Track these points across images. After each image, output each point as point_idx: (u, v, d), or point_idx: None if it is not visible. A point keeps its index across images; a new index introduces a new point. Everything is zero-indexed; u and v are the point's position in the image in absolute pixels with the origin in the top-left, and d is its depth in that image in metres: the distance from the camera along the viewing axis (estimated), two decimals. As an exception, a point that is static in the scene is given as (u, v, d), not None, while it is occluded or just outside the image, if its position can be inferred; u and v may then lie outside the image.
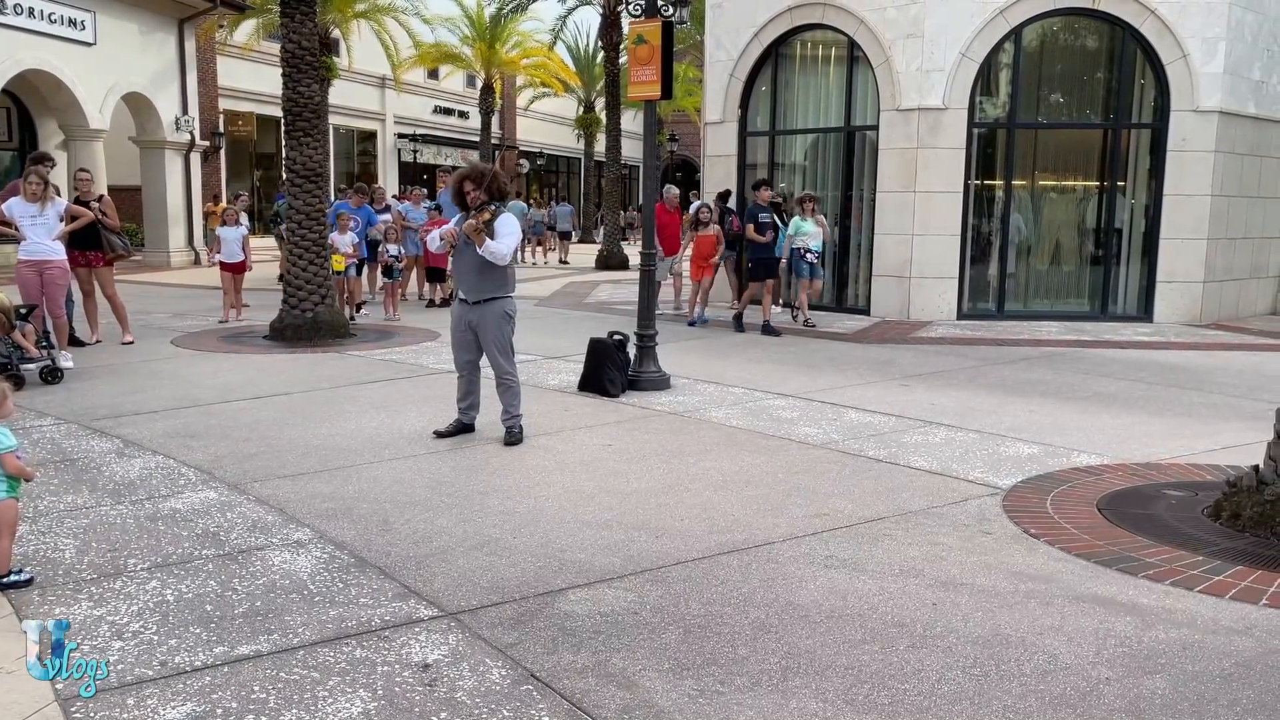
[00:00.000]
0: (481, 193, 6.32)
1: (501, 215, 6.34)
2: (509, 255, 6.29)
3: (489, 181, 6.36)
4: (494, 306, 6.40)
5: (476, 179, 6.39)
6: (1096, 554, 4.46)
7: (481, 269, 6.31)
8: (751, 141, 15.09)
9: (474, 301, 6.42)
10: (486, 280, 6.36)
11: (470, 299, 6.45)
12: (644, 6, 8.32)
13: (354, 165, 32.35)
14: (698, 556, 4.43)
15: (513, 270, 6.51)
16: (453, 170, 29.28)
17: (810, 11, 13.88)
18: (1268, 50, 13.52)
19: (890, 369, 9.55)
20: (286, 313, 11.05)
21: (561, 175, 46.78)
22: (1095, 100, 13.66)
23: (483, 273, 6.33)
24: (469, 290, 6.45)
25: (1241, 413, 7.63)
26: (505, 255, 6.25)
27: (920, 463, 6.06)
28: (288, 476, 5.62)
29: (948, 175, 12.93)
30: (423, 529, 4.75)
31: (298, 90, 11.06)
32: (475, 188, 6.34)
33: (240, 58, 25.60)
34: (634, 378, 8.27)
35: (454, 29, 32.25)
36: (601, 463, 6.01)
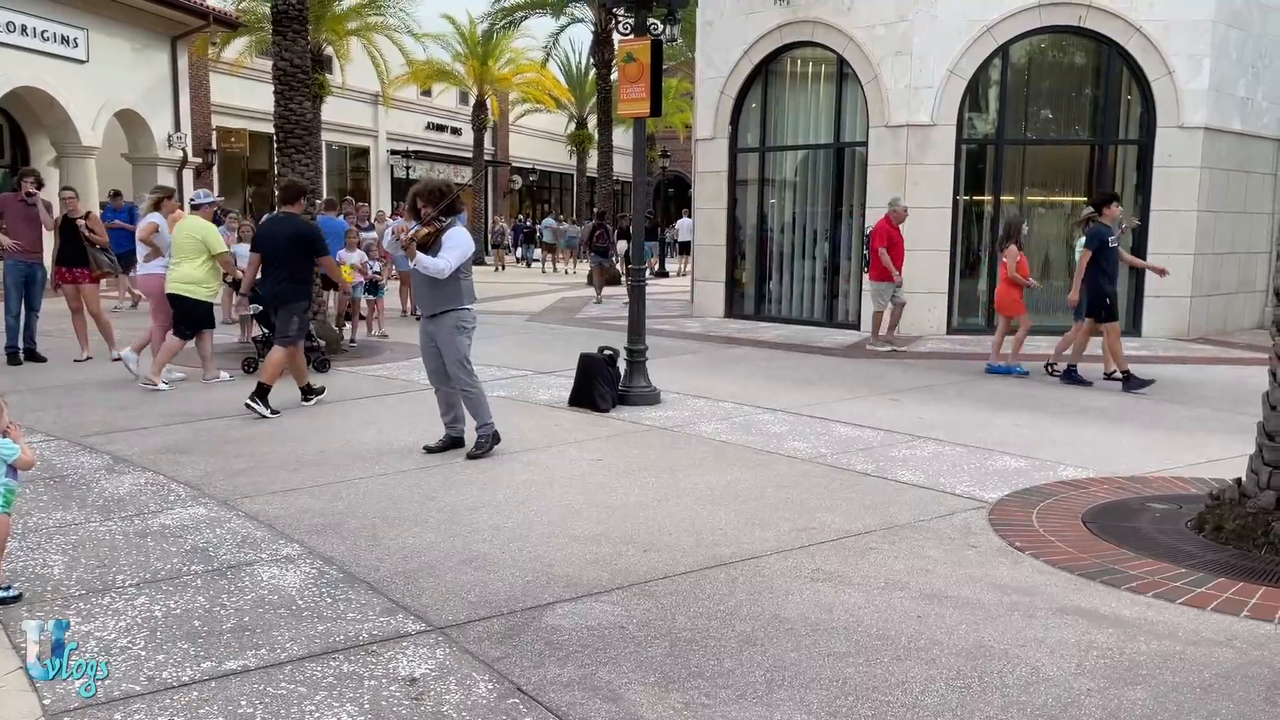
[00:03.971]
0: (429, 207, 6.38)
1: (450, 230, 6.35)
2: (447, 270, 6.22)
3: (434, 194, 6.40)
4: (447, 319, 6.42)
5: (428, 195, 6.44)
6: (1080, 567, 4.50)
7: (432, 282, 6.34)
8: (742, 158, 15.19)
9: (429, 315, 6.51)
10: (438, 293, 6.38)
11: (425, 312, 6.57)
12: (633, 25, 8.39)
13: (347, 182, 32.39)
14: (685, 570, 4.45)
15: (467, 284, 6.48)
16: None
17: (800, 29, 14.00)
18: (1252, 67, 13.66)
19: (879, 383, 9.60)
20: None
21: (554, 191, 46.89)
22: (1082, 116, 13.78)
23: (433, 286, 6.36)
24: (423, 303, 6.59)
25: (1227, 426, 7.69)
26: (442, 270, 6.22)
27: (908, 477, 6.09)
28: (277, 492, 5.63)
29: (937, 191, 13.03)
30: (411, 544, 4.76)
31: (290, 107, 11.12)
32: (426, 203, 6.41)
33: (233, 74, 25.67)
34: (624, 392, 8.30)
35: (446, 46, 32.40)
36: (591, 477, 6.03)
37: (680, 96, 35.83)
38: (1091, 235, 9.43)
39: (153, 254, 9.49)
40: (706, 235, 15.70)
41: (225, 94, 26.06)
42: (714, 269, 15.57)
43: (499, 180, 40.62)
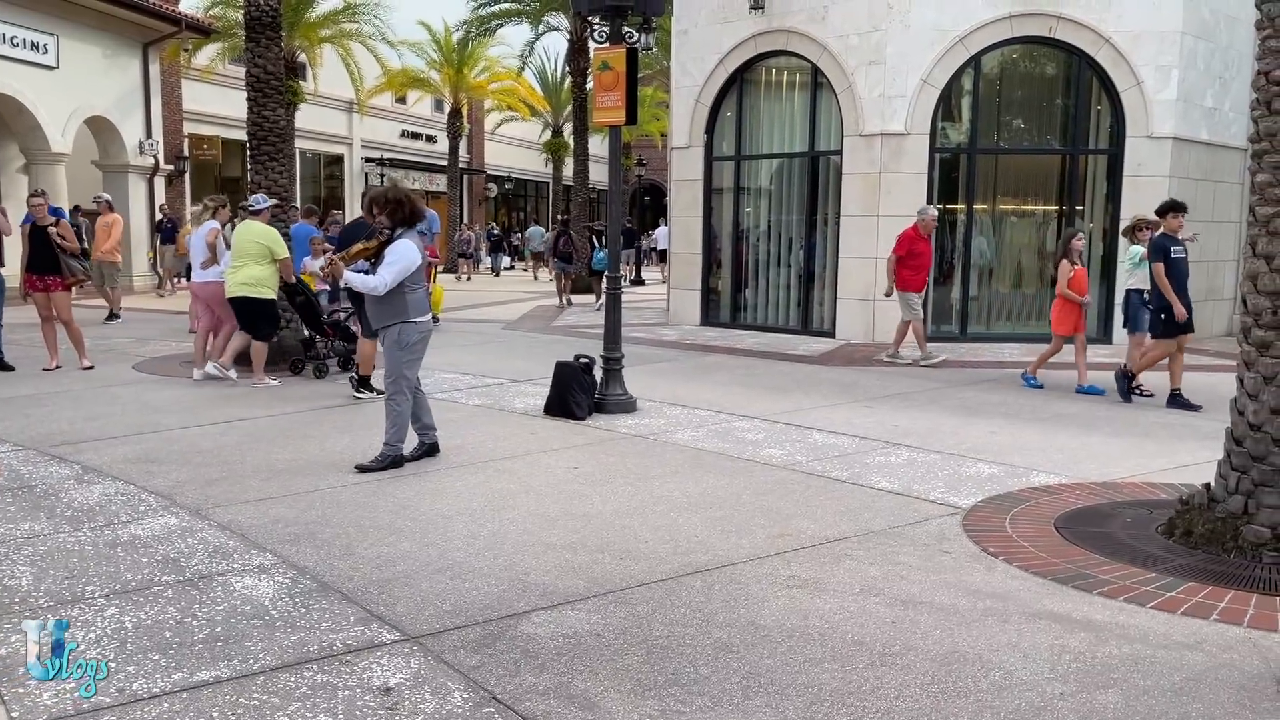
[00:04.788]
0: (384, 217, 6.23)
1: (396, 243, 6.19)
2: (381, 288, 6.05)
3: (391, 206, 6.24)
4: (389, 333, 6.30)
5: (382, 203, 6.27)
6: (1053, 572, 4.54)
7: (374, 296, 6.19)
8: (717, 166, 15.24)
9: (376, 327, 6.43)
10: (384, 307, 6.24)
11: (372, 325, 6.51)
12: (608, 33, 8.41)
13: (321, 189, 32.21)
14: (661, 578, 4.45)
15: (414, 297, 6.28)
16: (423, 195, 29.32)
17: (774, 38, 14.08)
18: (1219, 78, 13.87)
19: (855, 391, 9.64)
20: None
21: (529, 199, 46.86)
22: (1054, 126, 13.94)
23: (378, 299, 6.21)
24: (370, 315, 6.50)
25: (1197, 432, 7.78)
26: (375, 288, 6.06)
27: (882, 483, 6.12)
28: (250, 502, 5.58)
29: (910, 199, 13.09)
30: (386, 553, 4.74)
31: (263, 115, 11.05)
32: (380, 211, 6.26)
33: (205, 81, 25.48)
34: (600, 401, 8.29)
35: (421, 54, 32.33)
36: (567, 485, 6.02)
37: (656, 105, 35.93)
38: (1155, 248, 8.90)
39: (209, 260, 9.77)
40: (682, 243, 15.74)
41: (197, 100, 25.86)
42: (690, 277, 15.60)
43: (474, 188, 40.54)
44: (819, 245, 14.28)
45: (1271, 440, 4.72)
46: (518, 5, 25.73)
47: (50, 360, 10.33)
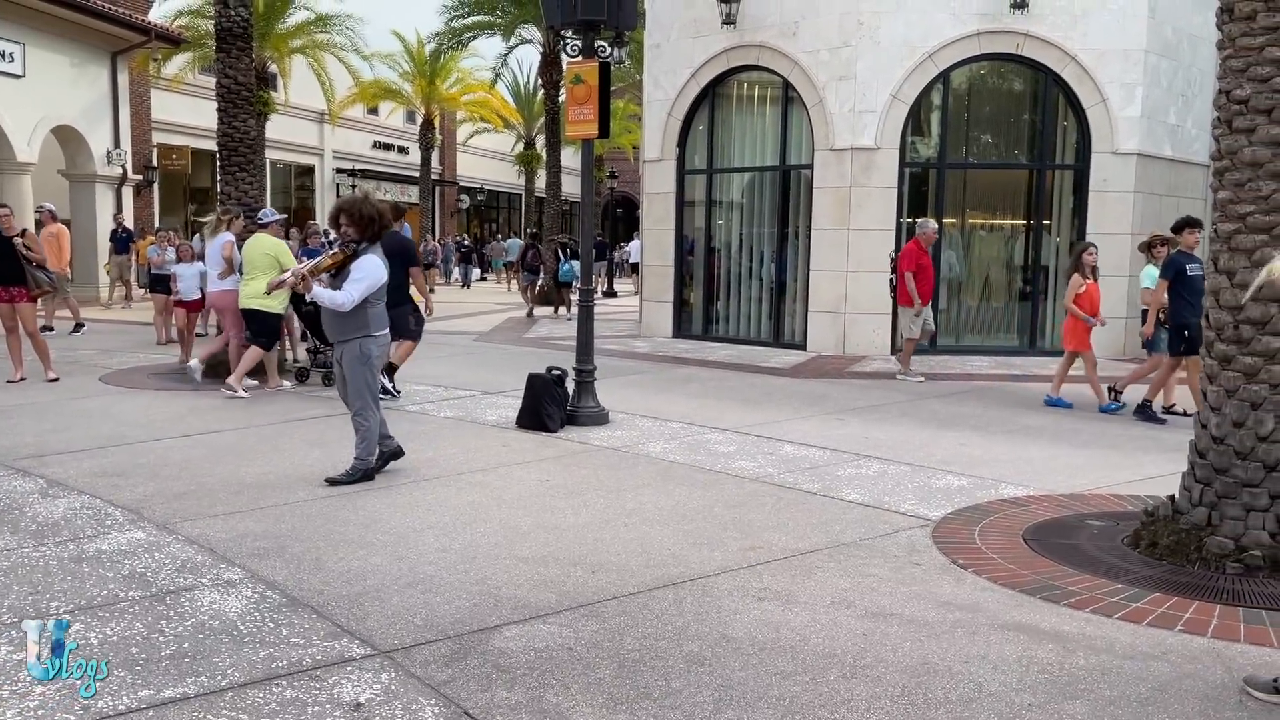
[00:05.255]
0: (353, 229, 6.13)
1: (362, 258, 6.13)
2: (348, 304, 5.99)
3: (361, 220, 6.13)
4: (350, 347, 6.22)
5: (349, 213, 6.14)
6: (1021, 583, 4.58)
7: (336, 310, 6.10)
8: (689, 179, 15.31)
9: (336, 340, 6.32)
10: (345, 320, 6.15)
11: (331, 338, 6.38)
12: (581, 47, 8.43)
13: (291, 200, 32.02)
14: (633, 591, 4.45)
15: (376, 311, 6.26)
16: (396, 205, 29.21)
17: (746, 53, 14.18)
18: (1182, 96, 14.12)
19: (826, 403, 9.70)
20: (223, 350, 10.87)
21: (502, 210, 46.82)
22: (1021, 141, 14.13)
23: (337, 314, 6.12)
24: (329, 330, 6.37)
25: (1162, 444, 7.89)
26: (342, 305, 5.99)
27: (853, 495, 6.16)
28: (219, 515, 5.53)
29: (880, 213, 13.24)
30: (357, 567, 4.70)
31: (233, 125, 10.98)
32: (349, 223, 6.13)
33: (175, 91, 25.29)
34: (573, 413, 8.29)
35: (394, 65, 32.27)
36: (538, 498, 6.01)
37: (628, 118, 36.02)
38: (1166, 265, 8.88)
39: (226, 271, 9.95)
40: (654, 256, 15.79)
41: (166, 110, 25.65)
42: (662, 289, 15.64)
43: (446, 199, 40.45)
44: (790, 258, 14.37)
45: (1234, 453, 4.80)
46: (490, 18, 25.73)
47: (15, 372, 10.18)
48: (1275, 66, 4.67)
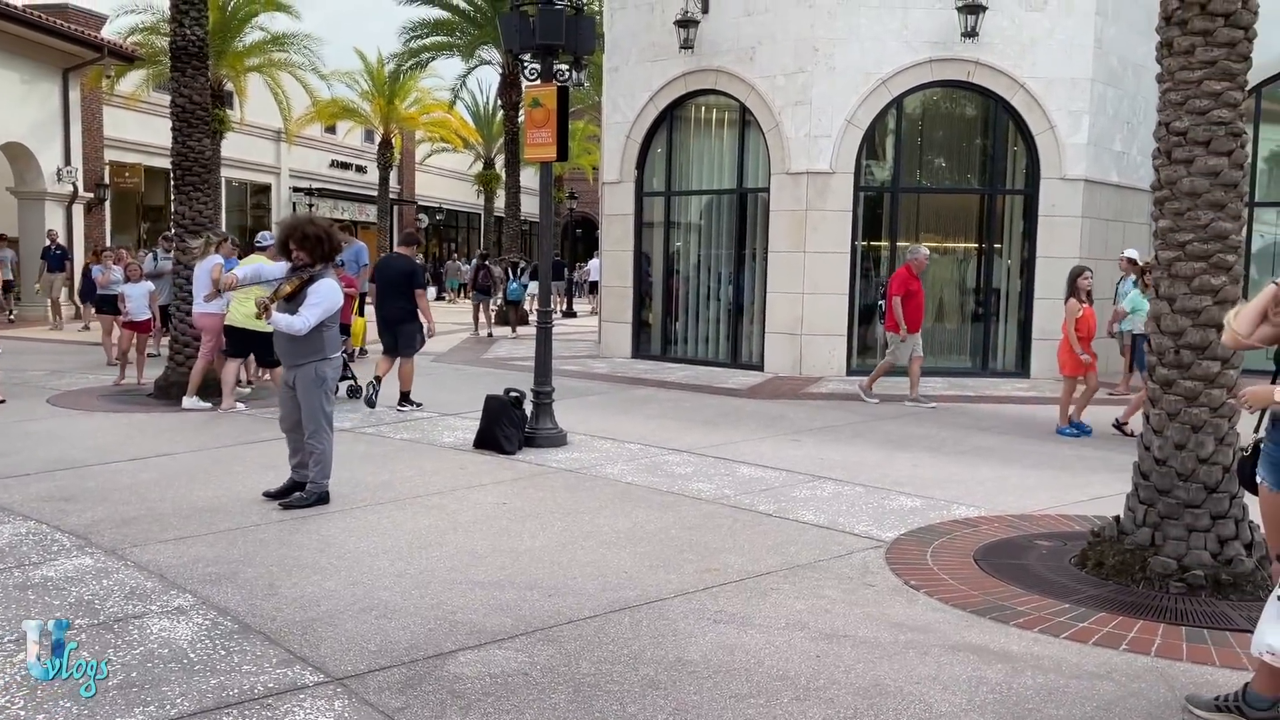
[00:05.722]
0: (304, 254, 6.11)
1: (317, 282, 6.11)
2: (305, 329, 5.98)
3: (312, 243, 6.11)
4: (306, 370, 6.19)
5: (300, 238, 6.12)
6: (972, 604, 4.66)
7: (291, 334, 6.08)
8: (648, 201, 15.40)
9: (289, 365, 6.27)
10: (300, 344, 6.12)
11: (285, 362, 6.31)
12: (540, 71, 8.48)
13: (247, 219, 31.68)
14: (589, 615, 4.46)
15: (331, 334, 6.24)
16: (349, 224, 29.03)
17: (703, 77, 14.33)
18: (1127, 123, 14.48)
19: (782, 424, 9.78)
20: (173, 370, 10.74)
21: (461, 230, 46.68)
22: (973, 166, 14.40)
23: (292, 338, 6.09)
24: (283, 354, 6.31)
25: (1109, 465, 8.04)
26: (299, 330, 5.97)
27: (808, 517, 6.22)
28: (169, 540, 5.45)
29: (836, 236, 13.41)
30: (310, 592, 4.66)
31: (188, 145, 10.88)
32: (299, 247, 6.12)
33: (128, 108, 24.97)
34: (530, 435, 8.28)
35: (353, 84, 32.16)
36: (495, 521, 6.00)
37: (588, 139, 36.18)
38: None
39: (213, 294, 9.94)
40: (613, 277, 15.84)
41: (119, 128, 25.31)
42: (621, 310, 15.69)
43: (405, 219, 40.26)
44: (748, 280, 14.49)
45: (1176, 474, 4.93)
46: (450, 39, 25.77)
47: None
48: (1213, 99, 4.83)
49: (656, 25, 14.63)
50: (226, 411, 9.78)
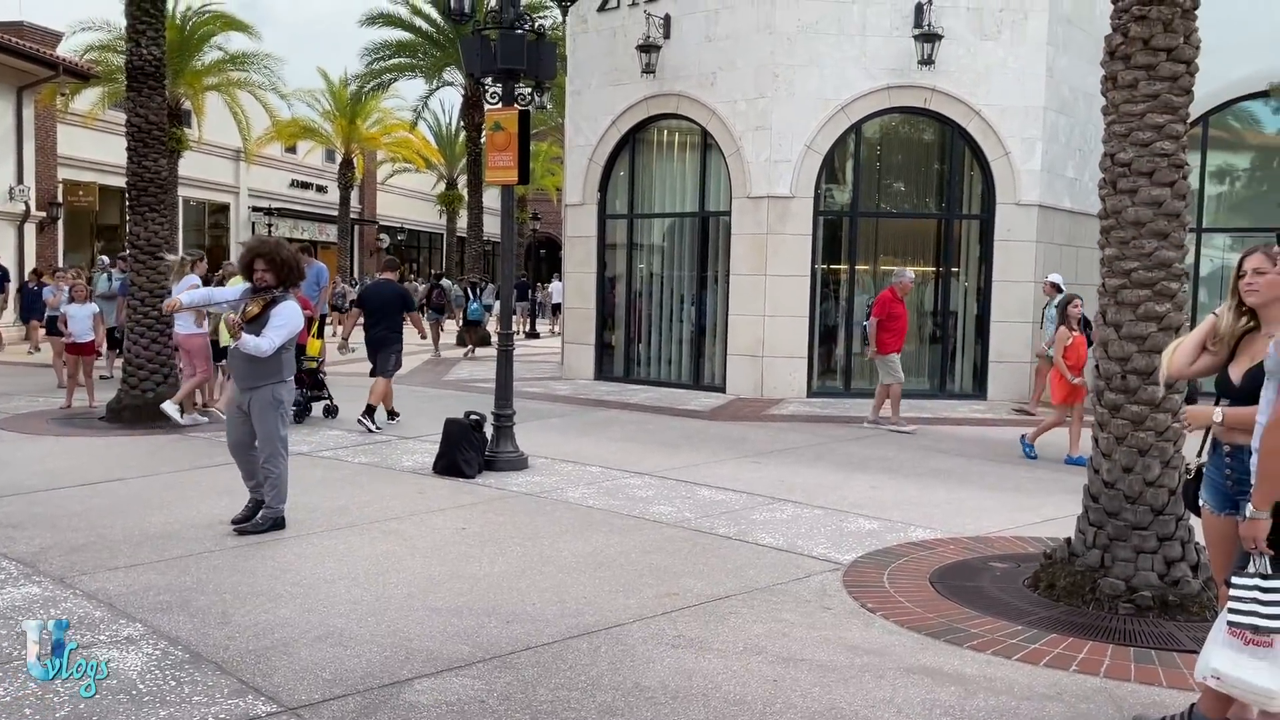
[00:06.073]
0: (271, 275, 6.12)
1: (281, 304, 6.13)
2: (270, 350, 5.97)
3: (281, 267, 6.13)
4: (263, 392, 6.16)
5: (270, 260, 6.14)
6: (927, 626, 4.70)
7: (250, 356, 6.05)
8: (611, 223, 15.47)
9: (245, 387, 6.23)
10: (257, 366, 6.10)
11: (241, 385, 6.27)
12: (501, 94, 8.51)
13: (205, 239, 31.34)
14: (548, 641, 4.45)
15: (288, 356, 6.24)
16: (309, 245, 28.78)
17: (665, 102, 14.44)
18: (1079, 151, 14.78)
19: (743, 446, 9.82)
20: (126, 393, 10.59)
21: (423, 250, 46.52)
22: (930, 191, 14.62)
23: (251, 360, 6.07)
24: (239, 376, 6.28)
25: (1063, 486, 8.16)
26: (265, 351, 5.97)
27: (768, 539, 6.25)
28: (120, 568, 5.36)
29: (796, 260, 13.54)
30: (264, 620, 4.61)
31: (144, 164, 10.77)
32: (266, 269, 6.13)
33: (83, 126, 24.64)
34: (491, 458, 8.25)
35: (314, 104, 32.02)
36: (454, 547, 5.97)
37: (551, 160, 36.24)
38: None
39: (200, 316, 10.03)
40: (576, 299, 15.86)
41: (74, 146, 24.96)
42: (583, 332, 15.71)
43: (366, 239, 40.05)
44: (710, 302, 14.58)
45: (1124, 497, 5.02)
46: (412, 61, 25.76)
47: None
48: (1155, 132, 4.97)
49: (619, 50, 14.74)
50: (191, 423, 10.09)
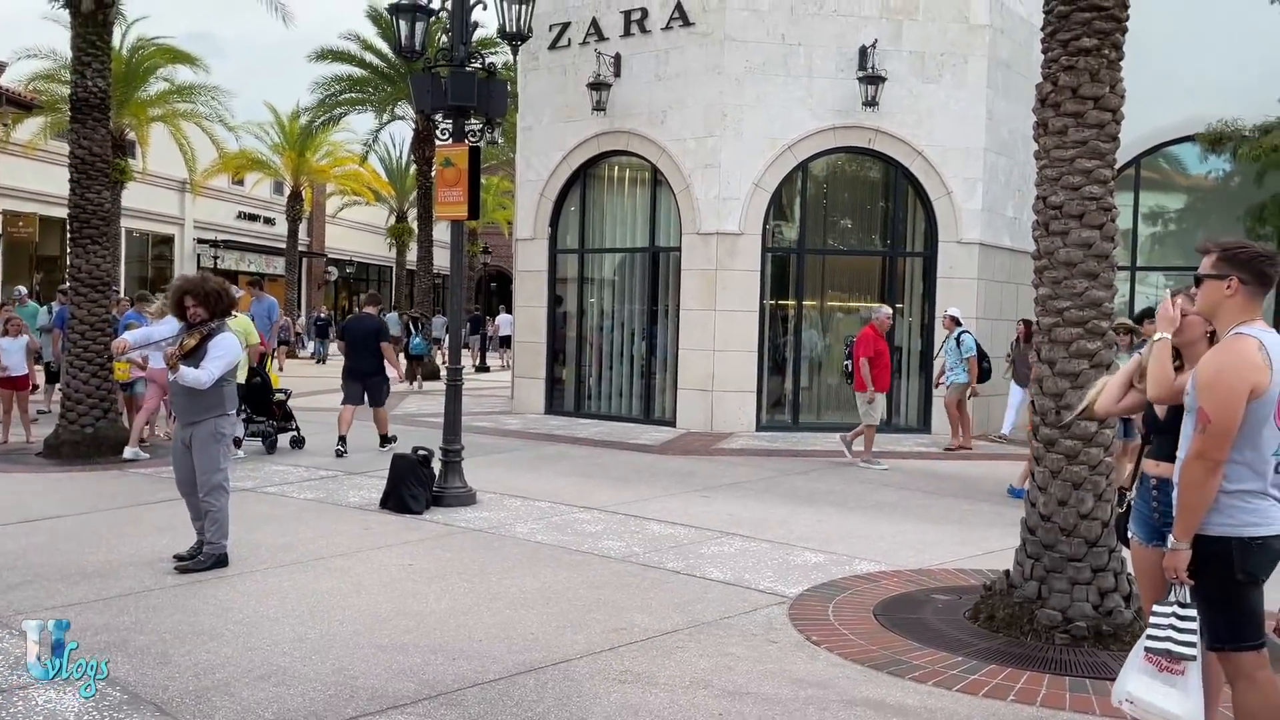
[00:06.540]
0: (202, 309, 6.11)
1: (217, 336, 6.12)
2: (209, 382, 5.96)
3: (210, 299, 6.13)
4: (205, 426, 6.13)
5: (199, 295, 6.13)
6: (870, 659, 4.77)
7: (190, 390, 6.02)
8: (562, 258, 15.54)
9: (186, 422, 6.20)
10: (199, 400, 6.07)
11: (182, 420, 6.24)
12: (451, 131, 8.57)
13: (148, 270, 30.89)
14: (494, 678, 4.44)
15: (230, 389, 6.25)
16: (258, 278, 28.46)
17: (616, 139, 14.61)
18: (1019, 190, 15.19)
19: (693, 480, 9.88)
20: (64, 428, 10.38)
21: (372, 283, 46.20)
22: (876, 229, 14.92)
23: (191, 393, 6.04)
24: (180, 410, 6.25)
25: (1004, 519, 8.32)
26: (204, 383, 5.94)
27: (715, 574, 6.30)
28: (56, 608, 5.24)
29: (745, 295, 13.71)
30: (205, 660, 4.54)
31: (86, 197, 10.63)
32: (196, 304, 6.12)
33: (25, 156, 24.24)
34: (439, 494, 8.21)
35: (262, 136, 31.81)
36: (400, 583, 5.93)
37: (502, 194, 36.33)
38: None
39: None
40: (527, 333, 15.87)
41: (14, 176, 24.55)
42: (534, 366, 15.72)
43: (314, 271, 39.72)
44: (660, 336, 14.68)
45: (1059, 530, 5.16)
46: (363, 95, 25.75)
47: None
48: (1085, 176, 5.16)
49: (570, 87, 14.90)
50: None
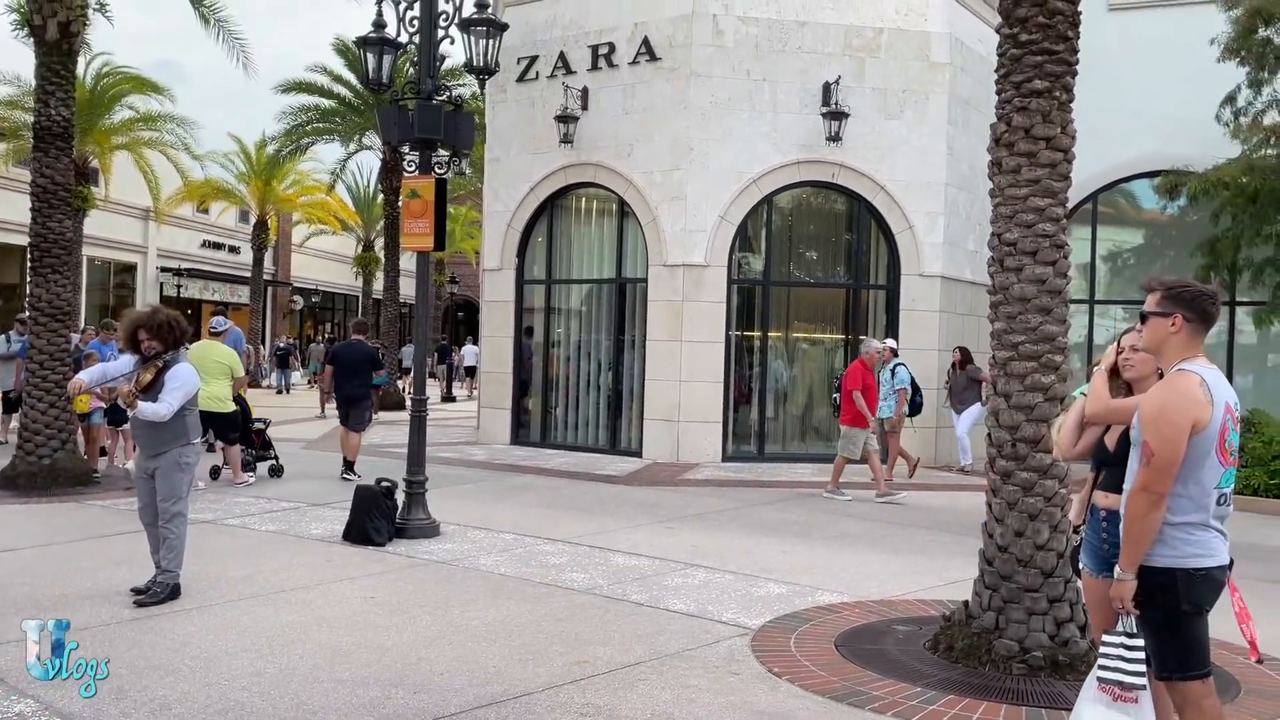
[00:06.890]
0: (156, 342, 6.10)
1: (174, 368, 6.10)
2: (169, 414, 5.95)
3: (163, 330, 6.12)
4: (169, 456, 6.12)
5: (151, 328, 6.12)
6: (831, 690, 4.81)
7: (151, 422, 6.00)
8: (529, 289, 15.59)
9: (150, 454, 6.18)
10: (161, 431, 6.06)
11: (146, 451, 6.22)
12: (418, 163, 8.61)
13: (110, 299, 30.53)
14: (455, 711, 4.42)
15: (192, 419, 6.24)
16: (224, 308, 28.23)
17: (583, 171, 14.72)
18: (979, 224, 15.45)
19: (658, 511, 9.90)
20: (21, 459, 10.22)
21: (338, 312, 45.96)
22: (840, 261, 15.11)
23: (153, 425, 6.03)
24: (143, 442, 6.23)
25: (965, 549, 8.37)
26: (163, 415, 5.93)
27: (679, 605, 6.31)
28: (9, 642, 5.14)
29: (711, 326, 13.81)
30: (161, 695, 4.48)
31: (48, 225, 10.54)
32: (150, 336, 6.11)
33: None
34: (402, 525, 8.17)
35: (228, 165, 31.66)
36: (362, 616, 5.89)
37: (470, 224, 36.36)
38: None
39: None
40: (493, 363, 15.87)
41: (-26, 202, 24.26)
42: (500, 396, 15.70)
43: (279, 300, 39.44)
44: (627, 367, 14.73)
45: (1016, 560, 5.24)
46: (331, 125, 25.75)
47: None
48: (1038, 214, 5.30)
49: (538, 119, 15.01)
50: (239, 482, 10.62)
